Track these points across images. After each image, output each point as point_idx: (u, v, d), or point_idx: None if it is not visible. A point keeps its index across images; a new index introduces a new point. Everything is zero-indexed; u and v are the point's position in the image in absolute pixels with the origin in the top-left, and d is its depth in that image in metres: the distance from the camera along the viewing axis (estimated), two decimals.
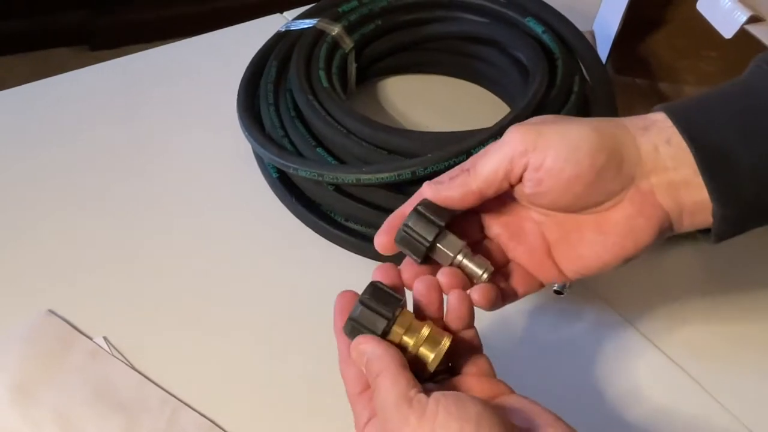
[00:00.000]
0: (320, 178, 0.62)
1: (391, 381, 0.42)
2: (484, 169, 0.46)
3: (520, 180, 0.46)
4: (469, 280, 0.48)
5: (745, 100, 0.46)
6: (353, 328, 0.45)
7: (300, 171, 0.62)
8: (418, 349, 0.45)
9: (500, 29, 0.73)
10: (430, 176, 0.59)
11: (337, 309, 0.47)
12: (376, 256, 0.63)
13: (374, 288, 0.46)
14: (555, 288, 0.58)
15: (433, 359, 0.45)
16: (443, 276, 0.47)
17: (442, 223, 0.47)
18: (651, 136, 0.45)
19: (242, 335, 0.59)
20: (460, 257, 0.47)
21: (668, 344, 0.61)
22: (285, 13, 0.87)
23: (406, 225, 0.47)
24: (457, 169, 0.48)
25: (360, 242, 0.63)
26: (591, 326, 0.62)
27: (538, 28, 0.70)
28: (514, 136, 0.46)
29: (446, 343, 0.45)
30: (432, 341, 0.45)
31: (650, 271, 0.65)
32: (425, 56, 0.78)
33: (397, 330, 0.45)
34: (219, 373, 0.57)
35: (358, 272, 0.63)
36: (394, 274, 0.48)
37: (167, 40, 1.85)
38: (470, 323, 0.47)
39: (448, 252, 0.47)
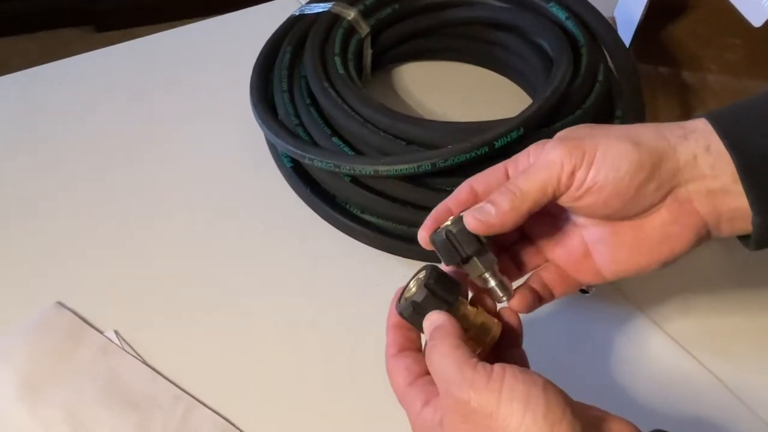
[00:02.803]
0: (337, 169, 0.60)
1: (450, 345, 0.42)
2: (533, 190, 0.44)
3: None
4: (488, 294, 0.48)
5: None
6: (414, 311, 0.45)
7: (316, 162, 0.60)
8: (471, 335, 0.45)
9: (521, 15, 0.70)
10: (450, 168, 0.58)
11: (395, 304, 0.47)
12: (391, 248, 0.62)
13: (437, 273, 0.45)
14: (581, 287, 0.57)
15: (486, 344, 0.46)
16: None
17: (485, 240, 0.46)
18: (690, 144, 0.44)
19: (257, 329, 0.58)
20: (488, 274, 0.46)
21: (694, 345, 0.60)
22: None
23: (449, 231, 0.45)
24: (497, 193, 0.45)
25: (376, 235, 0.62)
26: (617, 326, 0.61)
27: (561, 14, 0.68)
28: (561, 153, 0.44)
29: (497, 331, 0.46)
30: (484, 329, 0.46)
31: (678, 272, 0.64)
32: (443, 42, 0.76)
33: (454, 314, 0.45)
34: (234, 370, 0.56)
35: (374, 265, 0.63)
36: None
37: (174, 21, 1.84)
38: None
39: (480, 266, 0.46)
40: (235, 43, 0.79)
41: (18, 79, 0.75)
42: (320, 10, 0.70)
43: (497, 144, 0.57)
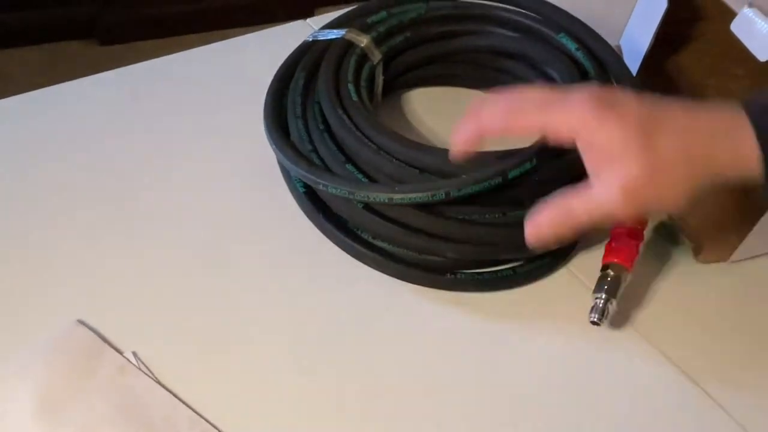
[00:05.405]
0: (351, 196, 0.61)
1: None
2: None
3: None
4: None
5: None
6: None
7: (330, 188, 0.61)
8: None
9: (532, 45, 0.72)
10: (465, 197, 0.59)
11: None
12: (402, 275, 0.63)
13: None
14: (592, 319, 0.58)
15: None
16: None
17: None
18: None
19: (271, 354, 0.59)
20: None
21: (703, 377, 0.61)
22: (308, 20, 0.85)
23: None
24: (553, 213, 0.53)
25: (387, 261, 0.63)
26: (626, 358, 0.61)
27: (571, 45, 0.69)
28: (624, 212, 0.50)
29: None
30: None
31: (687, 304, 0.65)
32: (454, 69, 0.77)
33: None
34: (248, 394, 0.56)
35: (384, 291, 0.63)
36: None
37: (179, 35, 1.84)
38: None
39: None
40: (247, 66, 0.79)
41: (35, 98, 0.75)
42: (333, 37, 0.71)
43: (510, 174, 0.59)
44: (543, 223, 0.52)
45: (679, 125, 0.49)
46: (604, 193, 0.50)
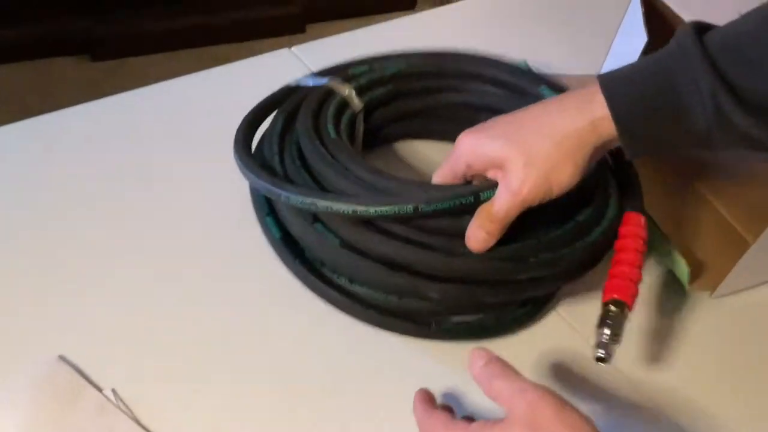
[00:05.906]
0: (314, 208, 0.59)
1: None
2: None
3: None
4: None
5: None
6: None
7: (291, 199, 0.60)
8: None
9: (512, 101, 0.71)
10: (434, 214, 0.59)
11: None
12: (379, 323, 0.63)
13: None
14: (598, 355, 0.57)
15: None
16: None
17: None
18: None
19: (249, 397, 0.59)
20: None
21: (677, 410, 0.62)
22: (293, 48, 0.87)
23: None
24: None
25: (363, 308, 0.63)
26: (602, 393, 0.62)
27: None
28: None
29: None
30: None
31: (668, 338, 0.67)
32: (435, 123, 0.77)
33: None
34: None
35: (359, 338, 0.63)
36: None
37: (170, 51, 1.84)
38: None
39: None
40: (229, 97, 0.79)
41: (18, 129, 0.76)
42: (315, 84, 0.72)
43: (483, 196, 0.59)
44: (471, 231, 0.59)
45: (536, 120, 0.59)
46: (500, 197, 0.58)
